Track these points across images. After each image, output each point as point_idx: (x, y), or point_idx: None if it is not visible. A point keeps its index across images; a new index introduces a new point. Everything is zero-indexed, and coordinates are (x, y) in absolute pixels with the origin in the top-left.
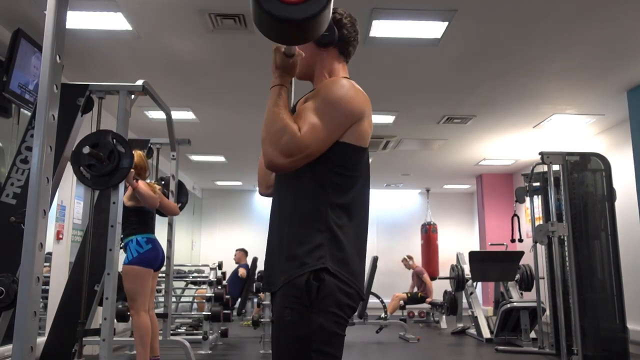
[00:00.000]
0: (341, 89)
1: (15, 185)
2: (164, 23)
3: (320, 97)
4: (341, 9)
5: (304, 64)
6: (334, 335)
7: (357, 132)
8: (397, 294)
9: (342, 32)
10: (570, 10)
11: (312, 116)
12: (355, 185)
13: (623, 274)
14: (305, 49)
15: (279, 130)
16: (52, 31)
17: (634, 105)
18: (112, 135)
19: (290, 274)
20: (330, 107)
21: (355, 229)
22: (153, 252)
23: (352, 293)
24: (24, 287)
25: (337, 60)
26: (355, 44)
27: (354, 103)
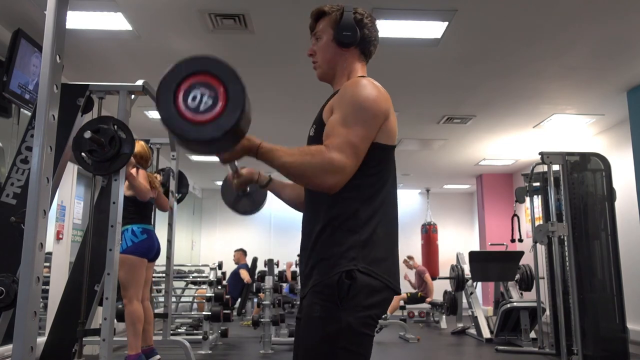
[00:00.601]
0: (363, 90)
1: (15, 185)
2: (164, 23)
3: (344, 104)
4: (361, 9)
5: (326, 65)
6: (362, 335)
7: (387, 130)
8: None
9: (364, 32)
10: (570, 10)
11: (343, 129)
12: (386, 185)
13: (623, 274)
14: (327, 50)
15: (318, 165)
16: (52, 31)
17: (634, 105)
18: (113, 122)
19: (323, 274)
20: (358, 114)
21: (387, 227)
22: (148, 242)
23: (383, 288)
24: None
25: (358, 60)
26: (376, 43)
27: (379, 102)
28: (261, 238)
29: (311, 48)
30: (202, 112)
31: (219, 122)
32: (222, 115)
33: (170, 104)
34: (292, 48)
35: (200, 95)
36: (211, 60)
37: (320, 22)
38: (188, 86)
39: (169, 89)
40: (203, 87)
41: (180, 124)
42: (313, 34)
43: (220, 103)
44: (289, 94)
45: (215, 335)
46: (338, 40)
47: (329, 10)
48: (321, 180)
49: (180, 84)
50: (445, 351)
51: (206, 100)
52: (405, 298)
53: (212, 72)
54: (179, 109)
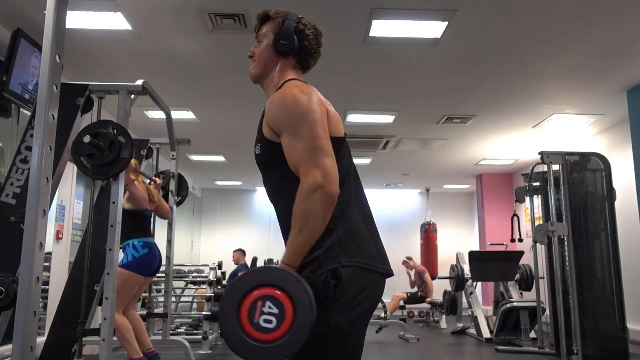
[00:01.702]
0: (292, 100)
1: (15, 185)
2: (164, 23)
3: (284, 123)
4: (306, 20)
5: (262, 68)
6: (352, 335)
7: (331, 123)
8: (397, 294)
9: (304, 44)
10: (570, 10)
11: (300, 146)
12: (349, 175)
13: (623, 274)
14: (264, 55)
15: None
16: (52, 31)
17: (634, 105)
18: (113, 126)
19: (308, 278)
20: (303, 121)
21: (362, 217)
22: (149, 256)
23: (372, 278)
24: (24, 287)
25: (293, 70)
26: (316, 56)
27: (312, 103)
28: (261, 238)
29: (252, 49)
30: (274, 330)
31: (289, 340)
32: (290, 333)
33: (238, 330)
34: None
35: (265, 310)
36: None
37: (265, 26)
38: (249, 306)
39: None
40: (268, 301)
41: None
42: (256, 36)
43: (289, 313)
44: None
45: (215, 335)
46: (275, 47)
47: (273, 15)
48: (326, 203)
49: (241, 305)
50: (445, 351)
51: (272, 313)
52: (405, 298)
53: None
54: (250, 332)
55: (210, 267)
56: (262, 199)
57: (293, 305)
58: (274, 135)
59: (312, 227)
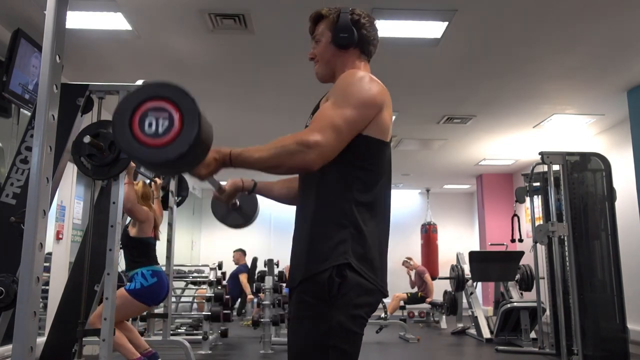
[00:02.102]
0: (358, 80)
1: (15, 185)
2: (164, 23)
3: (337, 90)
4: (359, 10)
5: (325, 66)
6: (352, 334)
7: (379, 124)
8: (397, 294)
9: (362, 33)
10: (570, 10)
11: (328, 112)
12: (379, 182)
13: (623, 274)
14: (326, 52)
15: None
16: (52, 31)
17: (634, 105)
18: None
19: (312, 268)
20: (348, 99)
21: (378, 226)
22: (157, 286)
23: (373, 290)
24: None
25: (359, 60)
26: (375, 42)
27: (372, 93)
28: (261, 238)
29: (311, 51)
30: (162, 135)
31: (181, 138)
32: (182, 132)
33: (130, 136)
34: (292, 48)
35: (155, 120)
36: (154, 85)
37: (319, 25)
38: (140, 115)
39: (123, 124)
40: (155, 112)
41: (145, 152)
42: (313, 37)
43: (177, 121)
44: (289, 94)
45: (215, 335)
46: (336, 42)
47: (326, 13)
48: (297, 160)
49: (133, 115)
50: (445, 351)
51: (162, 122)
52: (405, 298)
53: (160, 95)
54: (139, 138)
55: (210, 267)
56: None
57: (181, 112)
58: None
59: (272, 161)
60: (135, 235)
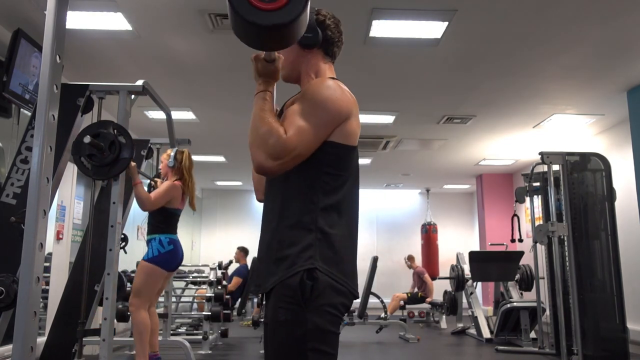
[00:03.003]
0: (327, 89)
1: (15, 185)
2: (164, 23)
3: (306, 98)
4: (324, 10)
5: (289, 67)
6: (329, 334)
7: (345, 131)
8: (397, 294)
9: (326, 33)
10: (570, 10)
11: (298, 118)
12: (345, 185)
13: (623, 274)
14: (289, 51)
15: (265, 134)
16: (52, 31)
17: (634, 105)
18: (113, 126)
19: (281, 275)
20: (317, 108)
21: (346, 228)
22: (173, 252)
23: (345, 291)
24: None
25: (323, 61)
26: (339, 44)
27: (340, 103)
28: None
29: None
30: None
31: (292, 4)
32: (289, 3)
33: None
34: None
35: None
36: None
37: None
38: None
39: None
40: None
41: (259, 14)
42: None
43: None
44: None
45: (215, 335)
46: (299, 42)
47: None
48: (264, 142)
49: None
50: (445, 351)
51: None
52: (405, 298)
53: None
54: (255, 4)
55: (210, 267)
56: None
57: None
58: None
59: (251, 136)
60: (163, 205)
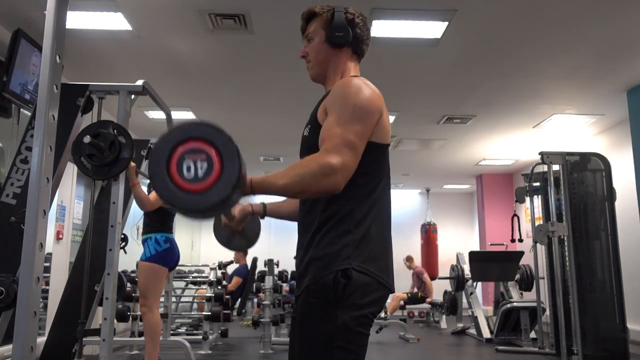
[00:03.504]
0: (356, 89)
1: (15, 185)
2: (164, 23)
3: (337, 104)
4: (352, 9)
5: (319, 66)
6: (358, 334)
7: (380, 129)
8: (397, 294)
9: (356, 32)
10: (570, 10)
11: (337, 130)
12: (380, 184)
13: (623, 274)
14: (319, 51)
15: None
16: (52, 31)
17: (634, 105)
18: (113, 126)
19: (317, 275)
20: (353, 112)
21: (381, 226)
22: (170, 251)
23: (379, 288)
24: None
25: (351, 60)
26: (368, 42)
27: (373, 100)
28: (261, 238)
29: (303, 49)
30: (203, 179)
31: (223, 180)
32: (223, 173)
33: (169, 183)
34: (292, 48)
35: (193, 163)
36: (187, 126)
37: (311, 24)
38: (178, 159)
39: (161, 170)
40: (192, 154)
41: (188, 199)
42: (305, 35)
43: (216, 162)
44: (290, 94)
45: (215, 335)
46: (331, 40)
47: (319, 11)
48: (324, 184)
49: (169, 160)
50: (445, 351)
51: (200, 165)
52: (405, 298)
53: (194, 136)
54: (179, 184)
55: (210, 267)
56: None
57: (220, 155)
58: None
59: (297, 188)
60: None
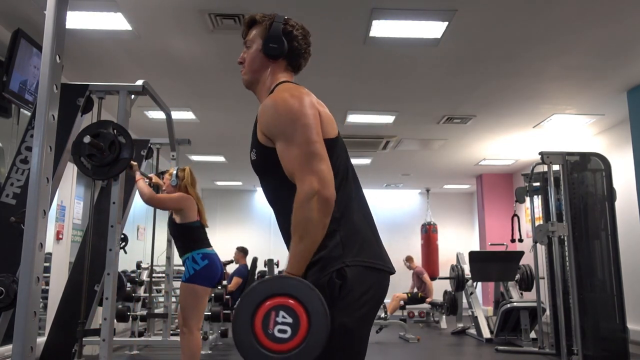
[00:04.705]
0: (284, 107)
1: (15, 185)
2: (164, 23)
3: (276, 128)
4: (293, 21)
5: (252, 75)
6: (357, 334)
7: (324, 124)
8: (397, 294)
9: (293, 45)
10: (570, 10)
11: (294, 152)
12: (341, 173)
13: (623, 274)
14: (254, 59)
15: (314, 210)
16: (52, 31)
17: (634, 105)
18: (113, 126)
19: (315, 278)
20: (295, 126)
21: (361, 213)
22: (210, 267)
23: (378, 273)
24: (24, 287)
25: (285, 72)
26: (306, 56)
27: (303, 107)
28: (261, 238)
29: (241, 55)
30: (289, 339)
31: (309, 342)
32: (309, 334)
33: (253, 341)
34: None
35: (280, 320)
36: (277, 280)
37: (251, 30)
38: (264, 315)
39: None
40: (279, 310)
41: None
42: (244, 41)
43: (304, 322)
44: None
45: (215, 335)
46: (265, 51)
47: (260, 19)
48: (322, 207)
49: (255, 314)
50: (445, 351)
51: (285, 323)
52: (405, 298)
53: (283, 292)
54: (263, 342)
55: None
56: (262, 199)
57: (307, 313)
58: (268, 140)
59: (312, 234)
60: (181, 222)
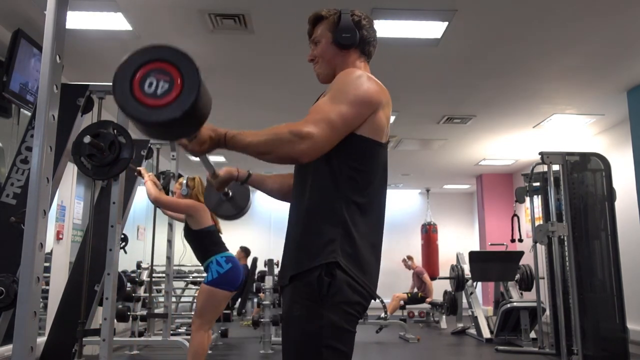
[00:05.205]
0: (355, 78)
1: (15, 185)
2: (164, 23)
3: (334, 87)
4: (358, 11)
5: (327, 67)
6: (345, 332)
7: (373, 124)
8: (397, 294)
9: (362, 33)
10: (570, 10)
11: (324, 107)
12: (372, 184)
13: (623, 274)
14: (327, 53)
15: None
16: (52, 31)
17: (634, 105)
18: (113, 126)
19: (301, 265)
20: (344, 95)
21: (370, 227)
22: (234, 271)
23: (362, 291)
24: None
25: (359, 60)
26: (375, 43)
27: (370, 92)
28: (261, 238)
29: (311, 53)
30: (160, 96)
31: (178, 103)
32: (179, 96)
33: (127, 91)
34: (292, 48)
35: (157, 81)
36: (163, 48)
37: (318, 27)
38: (142, 74)
39: (125, 78)
40: (158, 74)
41: (140, 108)
42: (311, 39)
43: (177, 86)
44: (289, 93)
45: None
46: (337, 42)
47: (326, 14)
48: (287, 149)
49: (135, 73)
50: (445, 351)
51: (162, 84)
52: (405, 298)
53: (166, 58)
54: (136, 95)
55: None
56: (262, 199)
57: (182, 77)
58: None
59: (261, 147)
60: (198, 228)
